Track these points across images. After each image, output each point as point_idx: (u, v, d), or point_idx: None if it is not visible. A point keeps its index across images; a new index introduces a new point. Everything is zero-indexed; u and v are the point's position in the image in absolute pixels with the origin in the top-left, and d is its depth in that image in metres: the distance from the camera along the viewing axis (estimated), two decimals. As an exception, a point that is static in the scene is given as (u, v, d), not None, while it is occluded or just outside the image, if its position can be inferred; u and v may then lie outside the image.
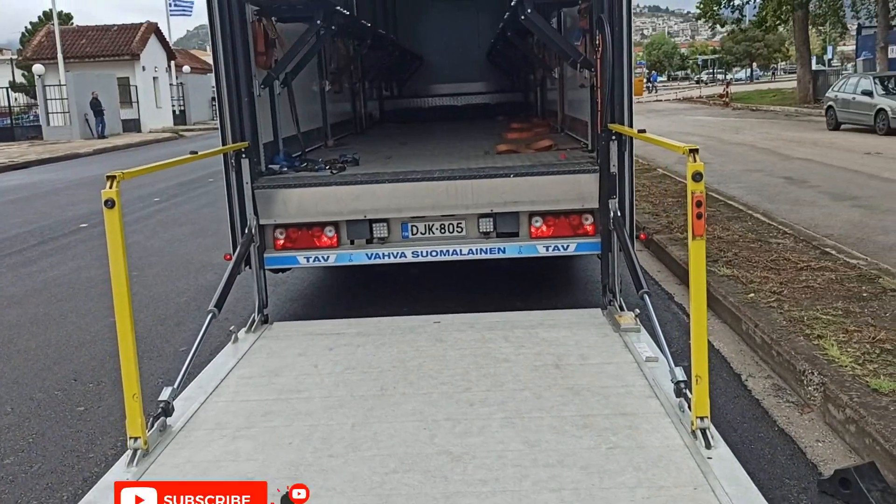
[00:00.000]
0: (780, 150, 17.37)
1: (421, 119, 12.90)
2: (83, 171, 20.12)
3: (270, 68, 5.89)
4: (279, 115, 6.24)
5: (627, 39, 5.06)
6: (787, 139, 19.88)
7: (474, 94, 14.02)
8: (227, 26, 5.23)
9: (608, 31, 4.97)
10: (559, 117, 8.50)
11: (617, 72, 5.03)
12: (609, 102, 5.09)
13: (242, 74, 5.35)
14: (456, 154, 6.69)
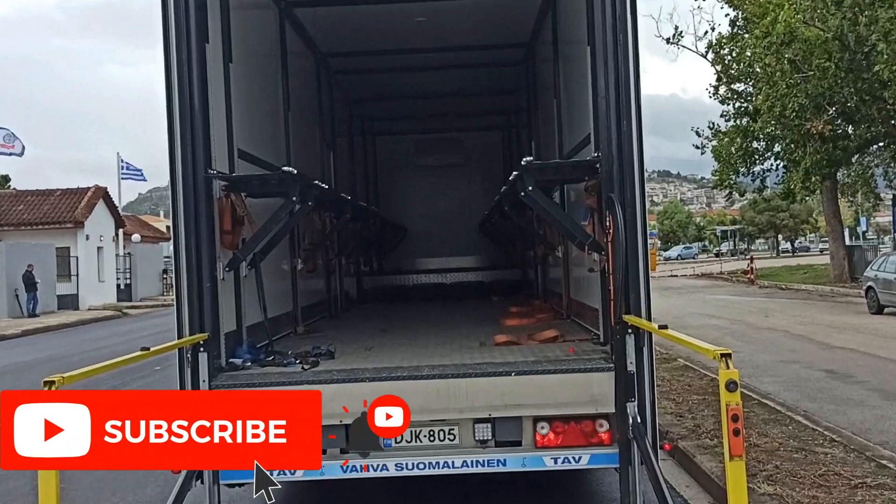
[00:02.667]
0: (817, 336, 17.55)
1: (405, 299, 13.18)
2: (3, 359, 19.89)
3: (237, 249, 6.11)
4: (244, 300, 6.36)
5: (642, 221, 5.37)
6: (825, 324, 20.11)
7: (465, 271, 14.58)
8: (190, 203, 5.51)
9: (620, 212, 5.28)
10: (564, 301, 8.70)
11: (631, 257, 5.27)
12: (623, 290, 5.27)
13: (206, 257, 5.55)
14: (446, 345, 6.75)
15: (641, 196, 5.40)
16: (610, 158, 5.46)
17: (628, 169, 5.38)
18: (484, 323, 8.65)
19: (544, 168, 6.20)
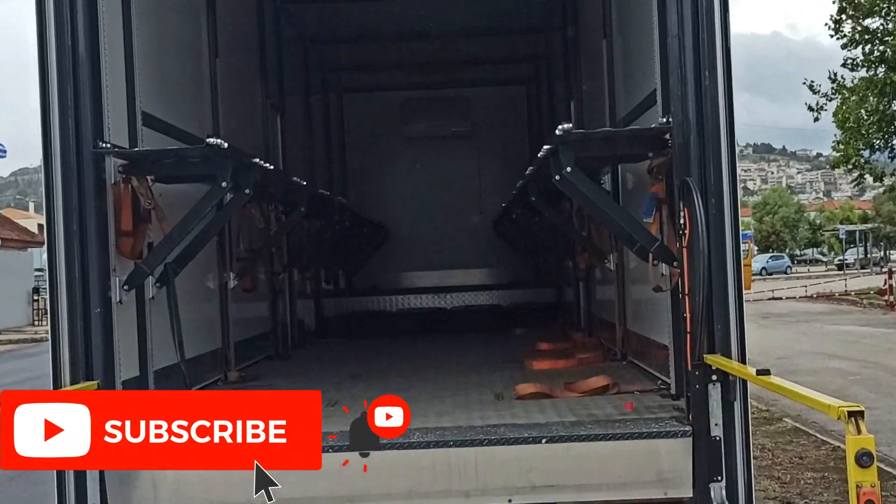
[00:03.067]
0: None
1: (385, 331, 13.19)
2: None
3: (141, 258, 6.14)
4: (151, 333, 6.37)
5: (732, 217, 5.40)
6: None
7: (474, 290, 14.65)
8: (73, 191, 5.52)
9: (700, 205, 5.30)
10: (618, 334, 8.75)
11: (717, 270, 5.31)
12: (705, 319, 5.29)
13: (95, 269, 5.56)
14: (447, 399, 6.79)
15: (732, 181, 5.42)
16: (685, 126, 5.48)
17: (712, 141, 5.41)
18: (501, 366, 8.66)
19: (589, 140, 6.21)
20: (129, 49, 6.47)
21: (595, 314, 10.66)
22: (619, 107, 8.40)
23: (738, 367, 5.10)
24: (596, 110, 9.58)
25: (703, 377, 5.29)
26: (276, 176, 8.51)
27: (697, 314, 5.32)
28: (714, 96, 5.42)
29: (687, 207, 5.41)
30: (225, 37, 9.04)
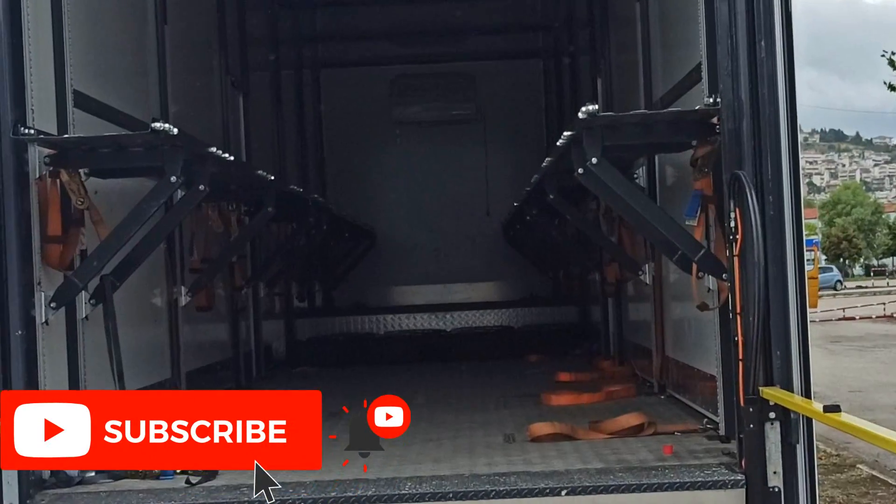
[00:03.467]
0: None
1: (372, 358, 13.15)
2: None
3: (72, 269, 6.13)
4: (84, 360, 6.35)
5: (795, 219, 5.41)
6: None
7: (480, 308, 14.73)
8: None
9: (754, 204, 5.31)
10: (656, 362, 8.75)
11: (775, 283, 5.32)
12: (761, 344, 5.29)
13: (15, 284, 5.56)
14: (447, 442, 6.80)
15: (794, 175, 5.43)
16: (736, 108, 5.48)
17: (769, 127, 5.41)
18: (513, 402, 8.65)
19: (619, 124, 6.21)
20: (58, 14, 6.45)
21: (627, 338, 10.64)
22: (657, 84, 8.39)
23: (802, 403, 5.09)
24: (628, 88, 9.58)
25: (758, 415, 5.27)
26: (238, 169, 8.49)
27: (751, 338, 5.31)
28: (772, 72, 5.41)
29: (739, 207, 5.40)
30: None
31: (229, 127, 10.69)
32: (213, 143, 7.07)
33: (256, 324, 11.51)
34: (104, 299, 6.45)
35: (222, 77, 10.68)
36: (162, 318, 8.54)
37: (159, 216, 6.74)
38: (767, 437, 5.26)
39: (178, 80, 8.89)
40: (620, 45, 10.25)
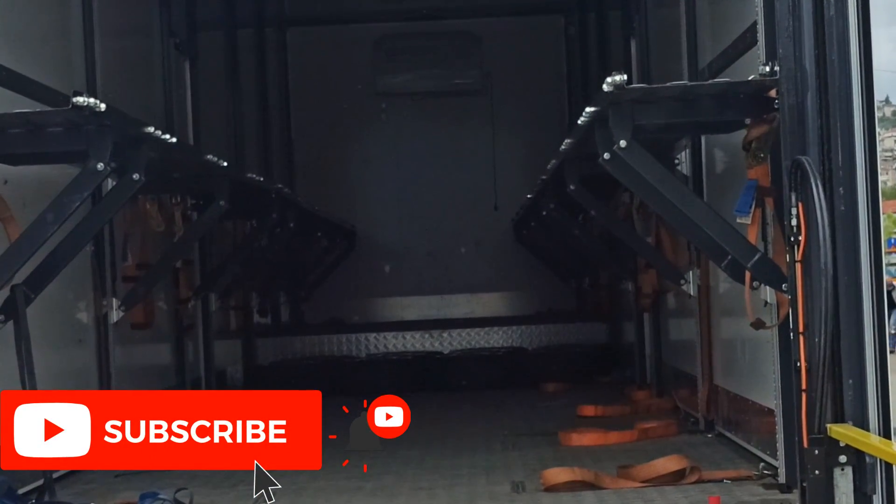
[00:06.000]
0: None
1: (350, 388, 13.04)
2: None
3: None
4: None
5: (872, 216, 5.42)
6: None
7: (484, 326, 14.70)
8: None
9: (821, 197, 5.33)
10: (702, 392, 8.76)
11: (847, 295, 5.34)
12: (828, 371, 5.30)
13: None
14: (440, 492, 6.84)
15: (870, 161, 5.44)
16: (799, 79, 5.50)
17: (839, 102, 5.43)
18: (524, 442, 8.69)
19: (654, 98, 6.22)
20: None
21: (666, 362, 10.65)
22: (703, 48, 8.40)
23: (879, 444, 5.10)
24: (668, 53, 9.58)
25: (825, 458, 5.28)
26: (183, 153, 8.48)
27: (817, 363, 5.32)
28: (843, 34, 5.42)
29: (802, 202, 5.41)
30: None
31: (172, 101, 10.70)
32: (150, 122, 7.07)
33: (206, 344, 11.51)
34: (15, 315, 6.47)
35: (163, 38, 10.69)
36: (88, 338, 8.55)
37: (84, 212, 6.75)
38: (837, 485, 5.27)
39: (107, 43, 8.89)
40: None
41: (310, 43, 15.82)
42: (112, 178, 6.47)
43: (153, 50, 10.58)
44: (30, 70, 7.41)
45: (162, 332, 10.36)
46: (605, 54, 13.06)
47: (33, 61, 7.52)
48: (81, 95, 5.91)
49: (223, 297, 12.18)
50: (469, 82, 15.74)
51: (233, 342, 13.06)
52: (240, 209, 10.24)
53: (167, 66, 10.72)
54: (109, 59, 8.89)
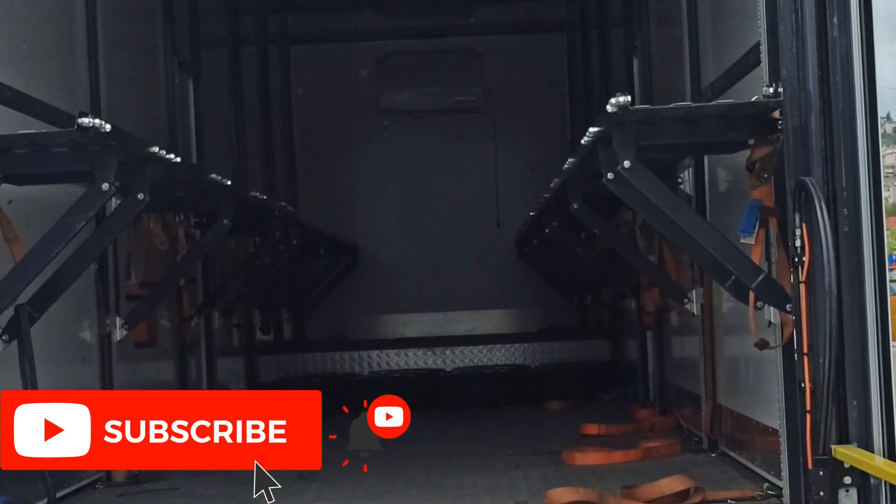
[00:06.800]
0: None
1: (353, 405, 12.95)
2: None
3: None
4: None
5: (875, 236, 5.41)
6: None
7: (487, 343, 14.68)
8: None
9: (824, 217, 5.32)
10: (705, 411, 8.77)
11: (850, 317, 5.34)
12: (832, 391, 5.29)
13: None
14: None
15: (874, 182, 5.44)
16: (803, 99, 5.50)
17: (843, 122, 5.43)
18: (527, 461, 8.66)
19: (657, 119, 6.21)
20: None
21: (670, 381, 10.65)
22: (706, 68, 8.40)
23: (884, 466, 5.09)
24: (671, 71, 9.59)
25: (830, 479, 5.27)
26: (187, 173, 8.49)
27: (822, 384, 5.31)
28: (846, 55, 5.43)
29: (806, 222, 5.41)
30: None
31: (176, 119, 10.70)
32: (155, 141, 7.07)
33: (210, 362, 11.50)
34: (20, 334, 6.47)
35: (168, 57, 10.70)
36: (91, 357, 8.54)
37: (89, 231, 6.75)
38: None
39: (112, 62, 8.90)
40: (662, 16, 10.27)
41: (313, 60, 15.86)
42: (116, 198, 6.46)
43: (157, 68, 10.58)
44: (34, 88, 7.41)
45: (165, 350, 10.36)
46: (607, 72, 13.07)
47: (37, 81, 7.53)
48: (87, 116, 5.91)
49: (226, 314, 12.18)
50: (471, 100, 15.79)
51: (235, 360, 13.06)
52: (243, 227, 10.25)
53: (171, 83, 10.72)
54: (114, 77, 8.89)
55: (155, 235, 9.05)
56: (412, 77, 15.69)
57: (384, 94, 15.74)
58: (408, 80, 15.69)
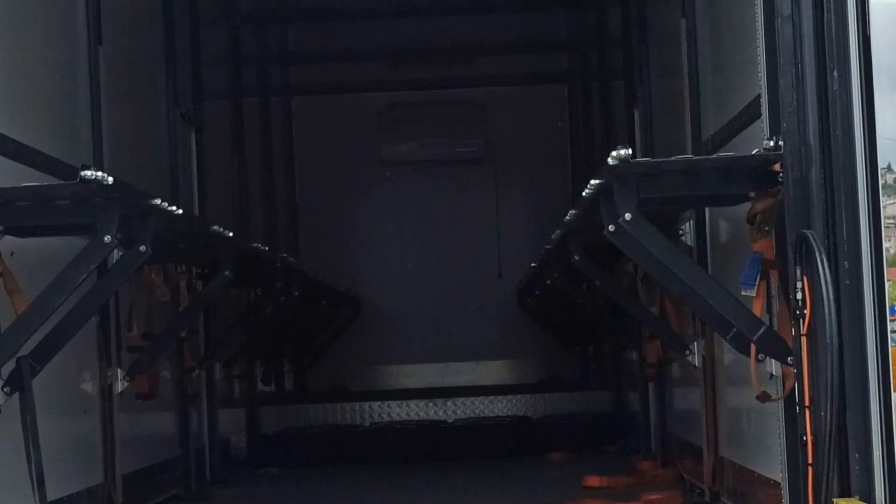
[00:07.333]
0: None
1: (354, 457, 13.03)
2: None
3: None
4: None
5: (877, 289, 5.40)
6: None
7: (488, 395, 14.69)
8: None
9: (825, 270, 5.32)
10: (707, 463, 8.74)
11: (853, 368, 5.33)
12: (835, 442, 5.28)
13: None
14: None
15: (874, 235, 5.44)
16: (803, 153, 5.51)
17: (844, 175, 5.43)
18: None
19: (658, 172, 6.23)
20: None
21: (672, 433, 10.61)
22: (706, 120, 8.42)
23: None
24: (672, 122, 9.61)
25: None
26: (189, 224, 8.50)
27: (823, 437, 5.30)
28: (846, 107, 5.43)
29: (807, 276, 5.41)
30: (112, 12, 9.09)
31: (178, 171, 10.72)
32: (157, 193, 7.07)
33: (211, 413, 11.47)
34: (22, 387, 6.45)
35: (170, 109, 10.72)
36: (93, 409, 8.52)
37: (91, 283, 6.76)
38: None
39: (115, 114, 8.92)
40: (663, 68, 10.30)
41: (315, 111, 15.90)
42: (118, 250, 6.47)
43: (159, 119, 10.61)
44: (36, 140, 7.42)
45: (166, 402, 10.34)
46: (608, 124, 13.11)
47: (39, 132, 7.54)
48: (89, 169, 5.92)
49: (227, 365, 12.17)
50: (472, 151, 15.84)
51: (236, 411, 13.04)
52: (244, 278, 10.25)
53: (173, 135, 10.75)
54: (116, 129, 8.92)
55: (157, 286, 9.05)
56: (414, 128, 15.74)
57: (386, 145, 15.79)
58: (409, 132, 15.75)
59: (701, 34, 8.66)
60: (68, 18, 8.59)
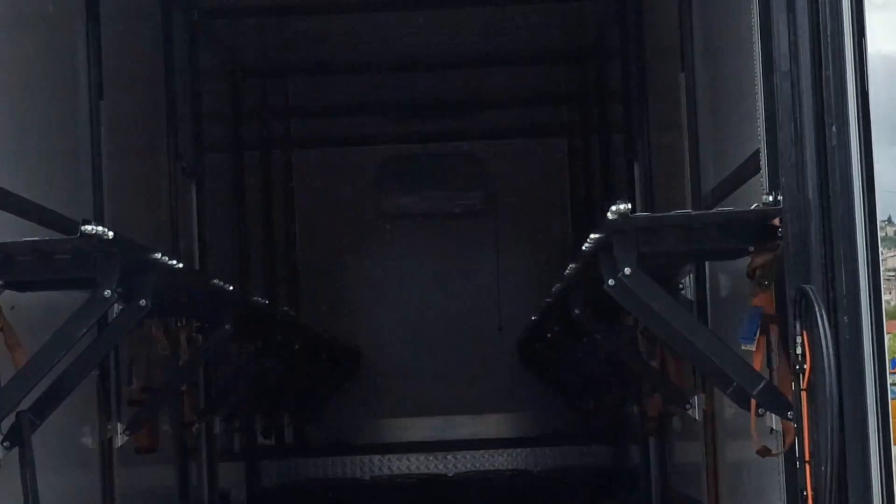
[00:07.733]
0: None
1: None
2: None
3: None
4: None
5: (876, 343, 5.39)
6: None
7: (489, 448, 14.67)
8: None
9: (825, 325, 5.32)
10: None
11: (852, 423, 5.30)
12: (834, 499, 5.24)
13: None
14: None
15: (874, 290, 5.44)
16: (802, 207, 5.52)
17: (843, 230, 5.44)
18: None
19: (658, 226, 6.24)
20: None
21: (673, 487, 10.59)
22: (706, 174, 8.44)
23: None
24: (671, 175, 9.63)
25: None
26: (190, 278, 8.53)
27: (823, 491, 5.28)
28: (845, 161, 5.44)
29: (806, 330, 5.41)
30: (114, 67, 9.13)
31: (179, 224, 10.73)
32: (158, 246, 7.09)
33: (211, 467, 11.45)
34: (21, 441, 6.44)
35: (171, 162, 10.75)
36: (92, 463, 8.50)
37: (91, 338, 6.75)
38: None
39: (115, 168, 8.94)
40: (662, 121, 10.33)
41: (315, 164, 15.97)
42: (118, 304, 6.47)
43: (160, 172, 10.63)
44: (35, 195, 7.43)
45: (166, 455, 10.31)
46: (608, 177, 13.14)
47: (39, 186, 7.55)
48: (90, 223, 5.93)
49: (227, 419, 12.15)
50: (472, 204, 15.87)
51: (236, 464, 13.00)
52: (245, 331, 10.25)
53: (173, 188, 10.77)
54: (116, 183, 8.94)
55: (157, 340, 9.05)
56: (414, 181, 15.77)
57: (386, 198, 15.82)
58: (409, 185, 15.78)
59: (700, 89, 8.70)
60: (70, 73, 8.63)
